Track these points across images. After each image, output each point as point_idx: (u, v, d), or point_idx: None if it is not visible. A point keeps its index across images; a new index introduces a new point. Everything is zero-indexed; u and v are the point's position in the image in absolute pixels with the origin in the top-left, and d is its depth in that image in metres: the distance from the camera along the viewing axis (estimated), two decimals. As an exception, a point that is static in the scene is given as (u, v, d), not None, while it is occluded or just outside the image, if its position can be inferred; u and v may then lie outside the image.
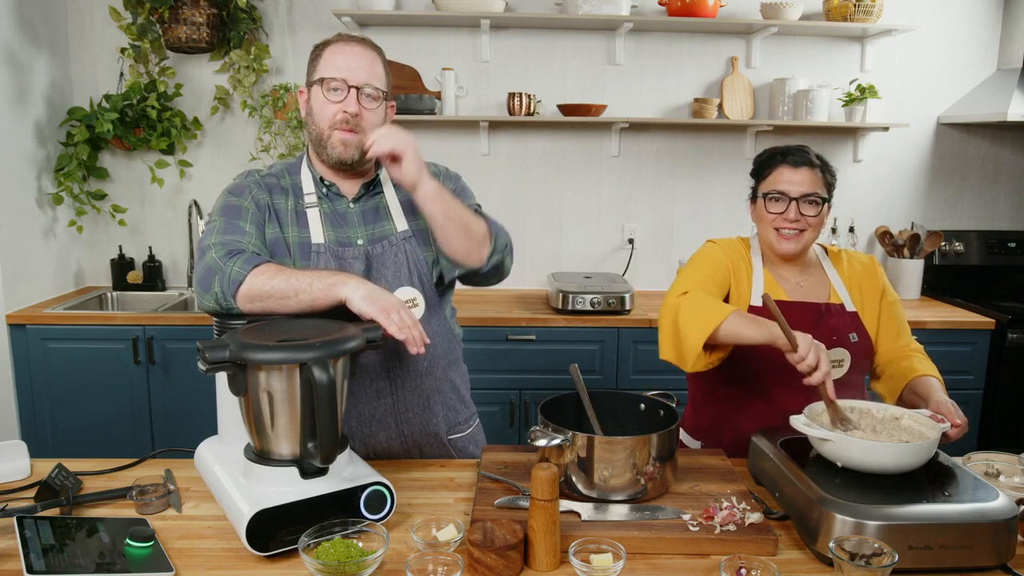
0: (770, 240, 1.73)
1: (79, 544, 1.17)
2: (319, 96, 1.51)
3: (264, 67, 3.26)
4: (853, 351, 1.68)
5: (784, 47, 3.43)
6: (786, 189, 1.69)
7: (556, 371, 2.91)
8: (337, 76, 1.49)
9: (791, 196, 1.68)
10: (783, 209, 1.69)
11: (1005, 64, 3.45)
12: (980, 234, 3.55)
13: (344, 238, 1.55)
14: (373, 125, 1.52)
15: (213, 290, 1.39)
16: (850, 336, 1.70)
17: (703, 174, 3.52)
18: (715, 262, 1.75)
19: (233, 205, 1.52)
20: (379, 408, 1.59)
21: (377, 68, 1.54)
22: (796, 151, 1.72)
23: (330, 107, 1.50)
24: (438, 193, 1.47)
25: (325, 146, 1.53)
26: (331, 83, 1.49)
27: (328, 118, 1.51)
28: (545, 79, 3.40)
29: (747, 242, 1.82)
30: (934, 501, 1.21)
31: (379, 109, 1.54)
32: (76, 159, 3.15)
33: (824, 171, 1.72)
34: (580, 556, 1.13)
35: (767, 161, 1.75)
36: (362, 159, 1.54)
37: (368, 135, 1.48)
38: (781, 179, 1.70)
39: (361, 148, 1.52)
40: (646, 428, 1.45)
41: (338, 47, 1.53)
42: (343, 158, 1.53)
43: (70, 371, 2.89)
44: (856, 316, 1.73)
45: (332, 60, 1.51)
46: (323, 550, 1.12)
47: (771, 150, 1.77)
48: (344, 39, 1.54)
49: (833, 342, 1.66)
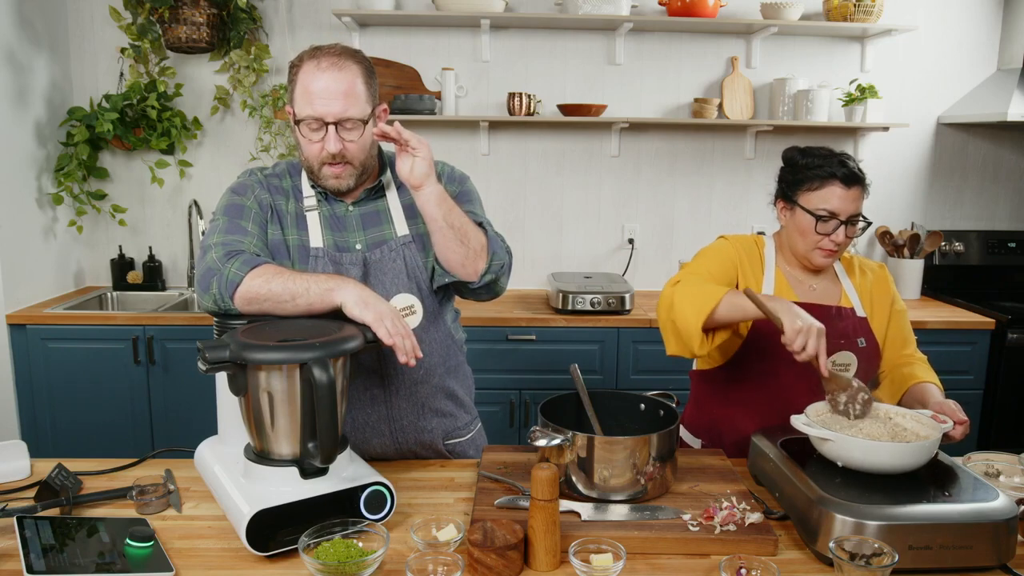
0: (806, 253, 1.69)
1: (79, 544, 1.17)
2: (299, 134, 1.49)
3: (264, 67, 3.26)
4: (860, 356, 1.67)
5: (784, 47, 3.43)
6: (837, 210, 1.62)
7: (556, 371, 2.91)
8: (312, 115, 1.43)
9: (841, 219, 1.63)
10: (831, 230, 1.63)
11: (1005, 64, 3.45)
12: (980, 234, 3.55)
13: (342, 242, 1.54)
14: (361, 152, 1.49)
15: (212, 291, 1.39)
16: (858, 341, 1.69)
17: (703, 174, 3.52)
18: (722, 256, 1.72)
19: (236, 204, 1.52)
20: (373, 415, 1.58)
21: (355, 89, 1.45)
22: (845, 163, 1.63)
23: (312, 146, 1.47)
24: (441, 197, 1.44)
25: (318, 177, 1.52)
26: (310, 122, 1.44)
27: (314, 156, 1.48)
28: (545, 79, 3.40)
29: (760, 240, 1.79)
30: (934, 501, 1.21)
31: (364, 135, 1.48)
32: (76, 159, 3.15)
33: (865, 184, 1.67)
34: (580, 556, 1.13)
35: (816, 172, 1.64)
36: (359, 179, 1.53)
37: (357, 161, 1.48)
38: (833, 197, 1.62)
39: (355, 175, 1.51)
40: (646, 428, 1.45)
41: (310, 73, 1.44)
42: (338, 187, 1.52)
43: (70, 371, 2.89)
44: (865, 322, 1.73)
45: (305, 92, 1.44)
46: (323, 550, 1.12)
47: (818, 155, 1.66)
48: (315, 59, 1.45)
49: (841, 345, 1.65)
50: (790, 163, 1.72)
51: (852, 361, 1.65)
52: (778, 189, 1.75)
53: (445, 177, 1.65)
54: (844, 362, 1.63)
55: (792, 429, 1.36)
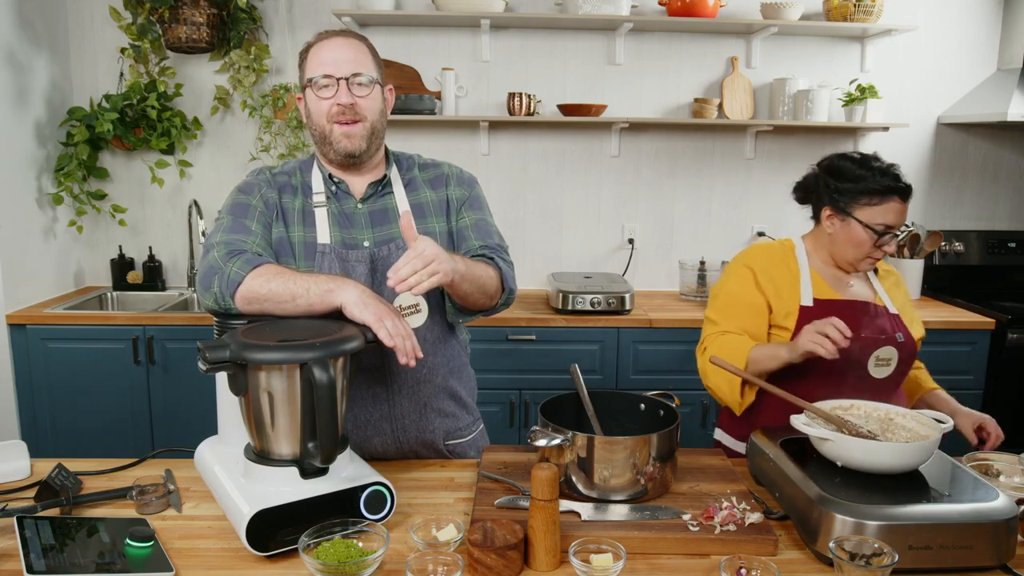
0: (855, 262, 1.72)
1: (79, 544, 1.17)
2: (312, 97, 1.51)
3: (264, 67, 3.26)
4: (900, 349, 1.71)
5: (784, 47, 3.43)
6: (895, 224, 1.67)
7: (556, 371, 2.92)
8: (322, 73, 1.49)
9: (897, 232, 1.68)
10: (888, 242, 1.68)
11: (1005, 64, 3.45)
12: (980, 234, 3.55)
13: (350, 239, 1.55)
14: (372, 112, 1.52)
15: (213, 289, 1.39)
16: (897, 336, 1.72)
17: (703, 174, 3.52)
18: (745, 301, 1.75)
19: (242, 203, 1.52)
20: (375, 413, 1.59)
21: (363, 56, 1.52)
22: (899, 177, 1.67)
23: (323, 103, 1.50)
24: (462, 274, 1.41)
25: (330, 142, 1.52)
26: (319, 82, 1.49)
27: (324, 113, 1.50)
28: (545, 79, 3.40)
29: (789, 245, 1.81)
30: (934, 501, 1.21)
31: (374, 95, 1.52)
32: (76, 159, 3.15)
33: None
34: (580, 556, 1.13)
35: (875, 187, 1.66)
36: (370, 148, 1.54)
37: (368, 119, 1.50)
38: (891, 213, 1.66)
39: (366, 137, 1.51)
40: (646, 428, 1.45)
41: (320, 45, 1.52)
42: (349, 150, 1.52)
43: (70, 371, 2.89)
44: (898, 318, 1.77)
45: (316, 58, 1.50)
46: (323, 550, 1.11)
47: (875, 169, 1.67)
48: (324, 36, 1.53)
49: (883, 341, 1.69)
50: (843, 173, 1.70)
51: (894, 355, 1.70)
52: (826, 196, 1.73)
53: (454, 180, 1.65)
54: (887, 356, 1.68)
55: (792, 429, 1.36)
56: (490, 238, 1.62)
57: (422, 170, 1.66)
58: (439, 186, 1.64)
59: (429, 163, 1.69)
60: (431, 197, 1.62)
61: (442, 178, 1.65)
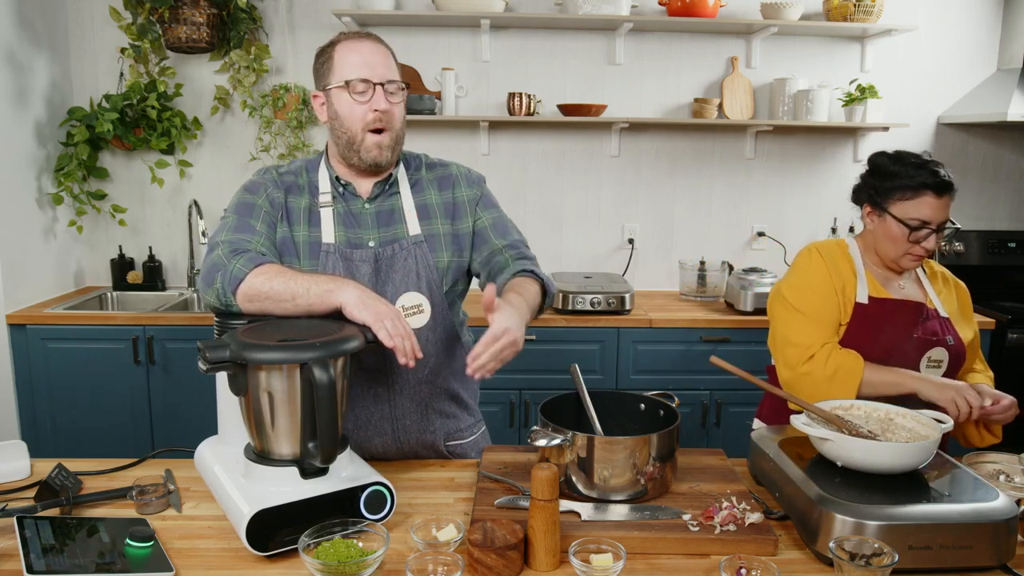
0: (896, 259, 1.73)
1: (79, 544, 1.17)
2: (344, 99, 1.49)
3: (264, 67, 3.26)
4: (950, 352, 1.72)
5: (784, 47, 3.43)
6: (929, 219, 1.67)
7: (556, 371, 2.91)
8: (361, 76, 1.48)
9: (933, 227, 1.67)
10: (924, 238, 1.68)
11: (1005, 64, 3.45)
12: (980, 234, 3.55)
13: (355, 239, 1.54)
14: (399, 120, 1.53)
15: (215, 285, 1.39)
16: (947, 339, 1.73)
17: (703, 174, 3.52)
18: (823, 290, 1.73)
19: (247, 203, 1.52)
20: (375, 413, 1.59)
21: (391, 61, 1.53)
22: (936, 172, 1.66)
23: (359, 108, 1.49)
24: (526, 320, 1.45)
25: (358, 150, 1.51)
26: (356, 85, 1.48)
27: (359, 119, 1.49)
28: (545, 79, 3.40)
29: (843, 244, 1.81)
30: (934, 501, 1.21)
31: (402, 104, 1.54)
32: (76, 159, 3.15)
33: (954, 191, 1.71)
34: (580, 556, 1.13)
35: (908, 182, 1.67)
36: (393, 157, 1.54)
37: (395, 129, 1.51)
38: (925, 207, 1.67)
39: (392, 147, 1.52)
40: (646, 428, 1.45)
41: (350, 45, 1.51)
42: (378, 160, 1.52)
43: (70, 371, 2.89)
44: (949, 322, 1.77)
45: (349, 60, 1.49)
46: (323, 550, 1.11)
47: (911, 164, 1.68)
48: (352, 37, 1.52)
49: (934, 342, 1.71)
50: (880, 170, 1.73)
51: (944, 357, 1.71)
52: (865, 194, 1.76)
53: (463, 180, 1.66)
54: (938, 358, 1.70)
55: (792, 429, 1.36)
56: (510, 235, 1.66)
57: (429, 170, 1.66)
58: (446, 187, 1.64)
59: (436, 163, 1.68)
60: (437, 199, 1.62)
61: (449, 179, 1.65)
